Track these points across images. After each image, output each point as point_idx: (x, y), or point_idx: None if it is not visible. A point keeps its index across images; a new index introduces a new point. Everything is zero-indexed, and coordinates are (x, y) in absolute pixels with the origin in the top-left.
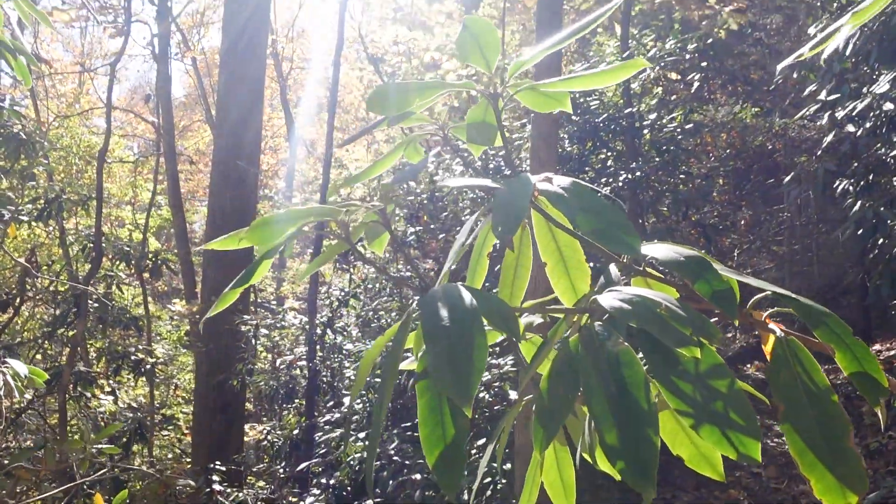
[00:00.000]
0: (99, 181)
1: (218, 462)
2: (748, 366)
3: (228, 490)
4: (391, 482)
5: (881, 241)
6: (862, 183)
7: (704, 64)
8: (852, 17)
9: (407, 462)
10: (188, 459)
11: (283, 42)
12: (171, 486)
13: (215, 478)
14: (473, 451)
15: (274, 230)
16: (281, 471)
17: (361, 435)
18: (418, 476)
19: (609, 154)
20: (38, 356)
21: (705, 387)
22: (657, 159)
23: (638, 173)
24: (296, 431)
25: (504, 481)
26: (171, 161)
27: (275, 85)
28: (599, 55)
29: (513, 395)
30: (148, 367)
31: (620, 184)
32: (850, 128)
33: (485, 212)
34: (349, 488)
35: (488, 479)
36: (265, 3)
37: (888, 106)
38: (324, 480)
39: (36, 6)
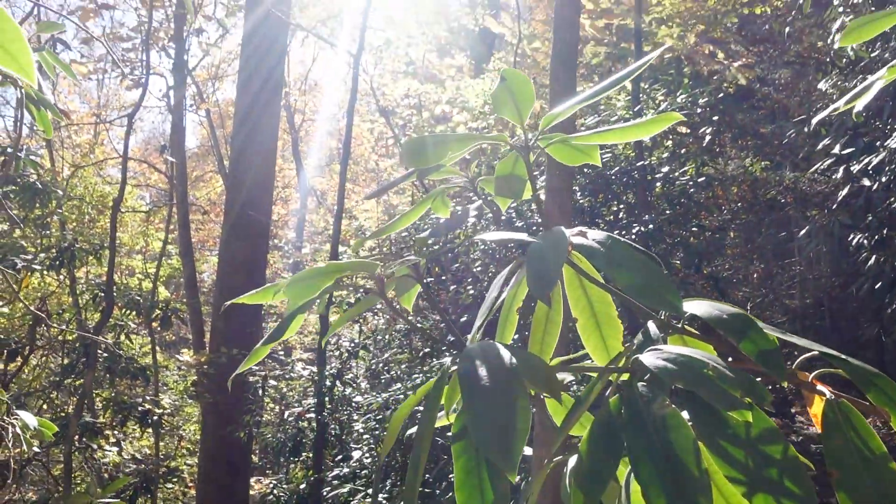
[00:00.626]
0: (112, 231)
1: None
2: None
3: None
4: None
5: None
6: (876, 237)
7: (716, 118)
8: (889, 71)
9: None
10: None
11: (297, 95)
12: None
13: None
14: None
15: (310, 285)
16: None
17: (370, 490)
18: None
19: (620, 206)
20: (45, 406)
21: (758, 452)
22: (669, 212)
23: (650, 226)
24: (303, 486)
25: None
26: (182, 210)
27: (286, 136)
28: (610, 108)
29: (527, 451)
30: (155, 418)
31: (633, 236)
32: (866, 181)
33: (515, 267)
34: None
35: None
36: (280, 61)
37: None
38: None
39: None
